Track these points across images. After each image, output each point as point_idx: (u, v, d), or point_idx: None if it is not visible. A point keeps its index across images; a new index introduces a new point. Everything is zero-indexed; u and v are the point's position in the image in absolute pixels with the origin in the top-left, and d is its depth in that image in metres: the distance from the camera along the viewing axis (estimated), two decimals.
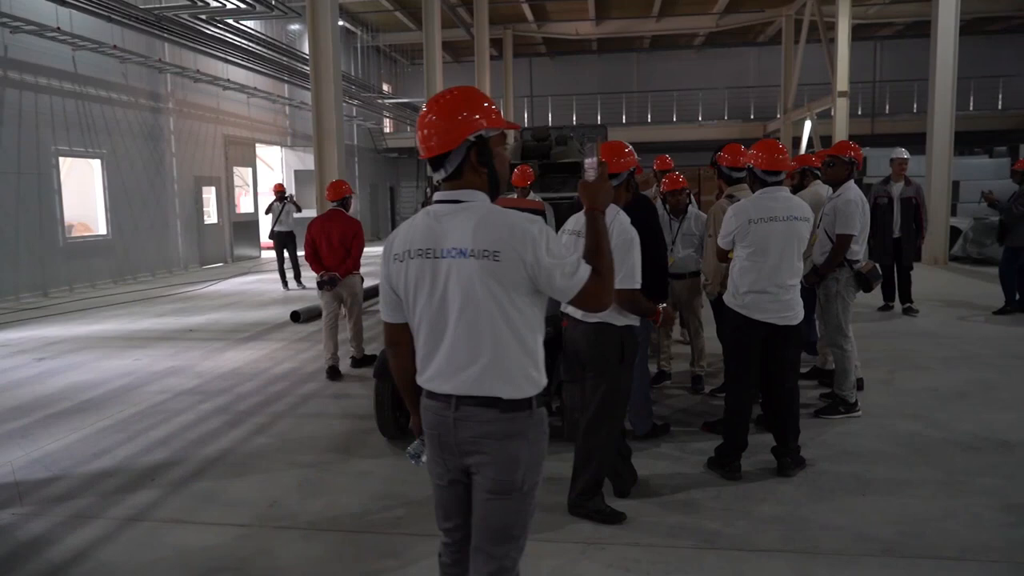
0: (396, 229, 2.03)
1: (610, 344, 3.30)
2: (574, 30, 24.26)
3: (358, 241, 6.38)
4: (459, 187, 1.94)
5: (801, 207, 3.77)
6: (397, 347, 2.10)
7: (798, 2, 21.71)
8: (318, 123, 9.28)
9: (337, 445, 4.62)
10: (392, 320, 2.06)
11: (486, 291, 1.87)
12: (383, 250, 2.03)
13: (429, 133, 1.91)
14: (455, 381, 1.92)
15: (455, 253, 1.88)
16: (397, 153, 27.36)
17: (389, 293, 2.02)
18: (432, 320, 1.93)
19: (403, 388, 2.16)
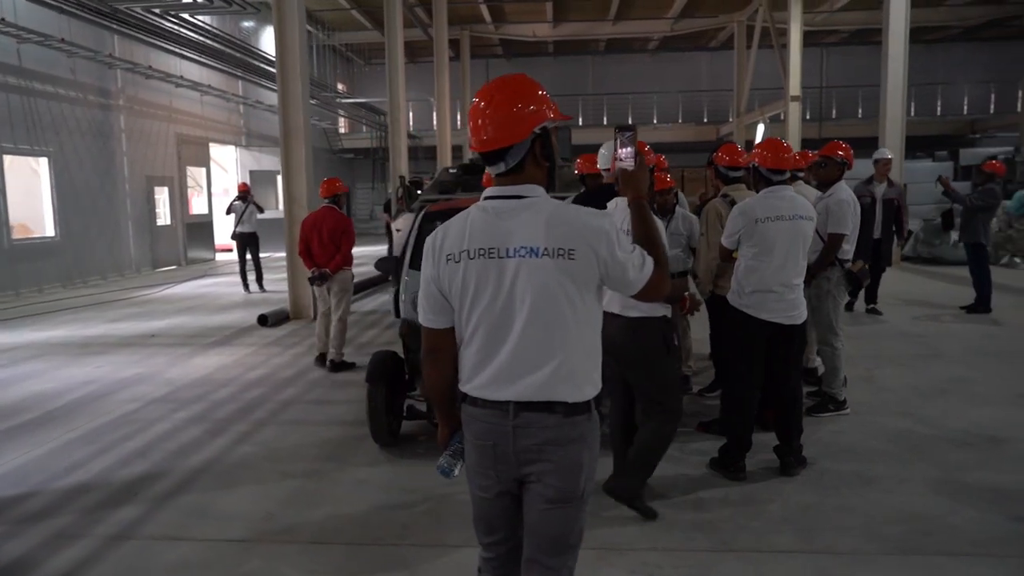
0: (441, 227, 1.92)
1: (654, 337, 3.31)
2: (531, 32, 24.31)
3: (347, 237, 6.42)
4: (518, 182, 1.85)
5: (806, 206, 3.80)
6: (438, 354, 1.97)
7: (750, 8, 22.19)
8: (285, 121, 8.99)
9: (328, 453, 4.45)
10: (436, 325, 1.94)
11: (560, 291, 1.81)
12: (428, 250, 1.91)
13: (488, 125, 1.82)
14: (517, 387, 1.83)
15: (525, 252, 1.80)
16: (353, 154, 26.94)
17: (436, 296, 1.91)
18: (494, 324, 1.84)
19: (438, 397, 2.03)
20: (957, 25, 24.04)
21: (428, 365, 2.00)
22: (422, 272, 1.94)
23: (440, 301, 1.91)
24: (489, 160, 1.85)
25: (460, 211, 5.77)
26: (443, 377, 1.99)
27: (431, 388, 2.03)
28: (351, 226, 6.52)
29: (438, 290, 1.90)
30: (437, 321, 1.94)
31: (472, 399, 1.91)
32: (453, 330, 1.93)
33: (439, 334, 1.95)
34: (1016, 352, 6.63)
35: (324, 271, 6.35)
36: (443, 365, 1.97)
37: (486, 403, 1.88)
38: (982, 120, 25.59)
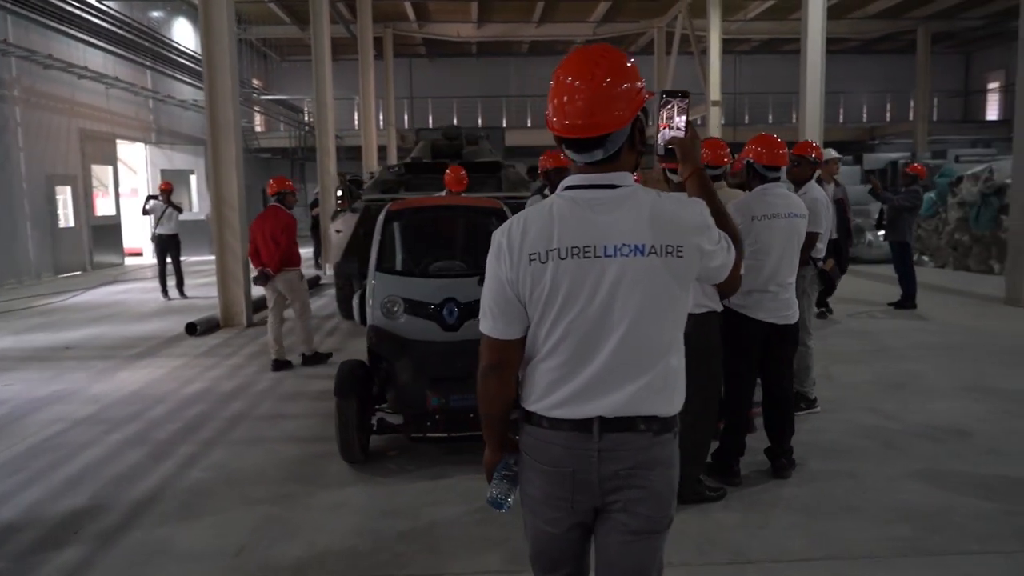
0: (516, 222, 1.66)
1: (712, 331, 3.32)
2: (455, 32, 24.00)
3: (286, 236, 6.29)
4: (611, 169, 1.63)
5: (800, 204, 3.77)
6: (505, 369, 1.71)
7: (669, 15, 22.72)
8: (213, 117, 8.37)
9: (293, 474, 4.08)
10: (506, 336, 1.68)
11: (665, 293, 1.62)
12: (500, 248, 1.64)
13: (589, 106, 1.56)
14: (604, 401, 1.62)
15: (628, 251, 1.59)
16: (270, 153, 25.82)
17: (512, 303, 1.65)
18: (586, 333, 1.61)
19: (498, 419, 1.78)
20: (857, 38, 25.44)
21: (492, 383, 1.73)
22: (491, 275, 1.67)
23: (516, 308, 1.66)
24: (577, 146, 1.61)
25: (428, 210, 5.37)
26: (507, 396, 1.74)
27: (491, 409, 1.77)
28: (292, 225, 6.37)
29: (515, 295, 1.65)
30: (508, 331, 1.68)
31: (544, 420, 1.67)
32: (523, 340, 1.69)
33: (509, 346, 1.69)
34: (952, 346, 6.93)
35: (265, 271, 6.27)
36: (509, 382, 1.73)
37: (563, 424, 1.65)
38: (880, 127, 27.20)
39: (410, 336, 4.16)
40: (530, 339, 1.68)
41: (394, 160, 22.48)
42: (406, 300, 4.21)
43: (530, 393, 1.70)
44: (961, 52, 28.08)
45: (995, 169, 12.25)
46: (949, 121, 27.57)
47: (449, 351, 4.12)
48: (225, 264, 8.63)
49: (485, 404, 1.77)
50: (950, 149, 21.47)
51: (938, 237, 13.35)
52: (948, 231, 13.24)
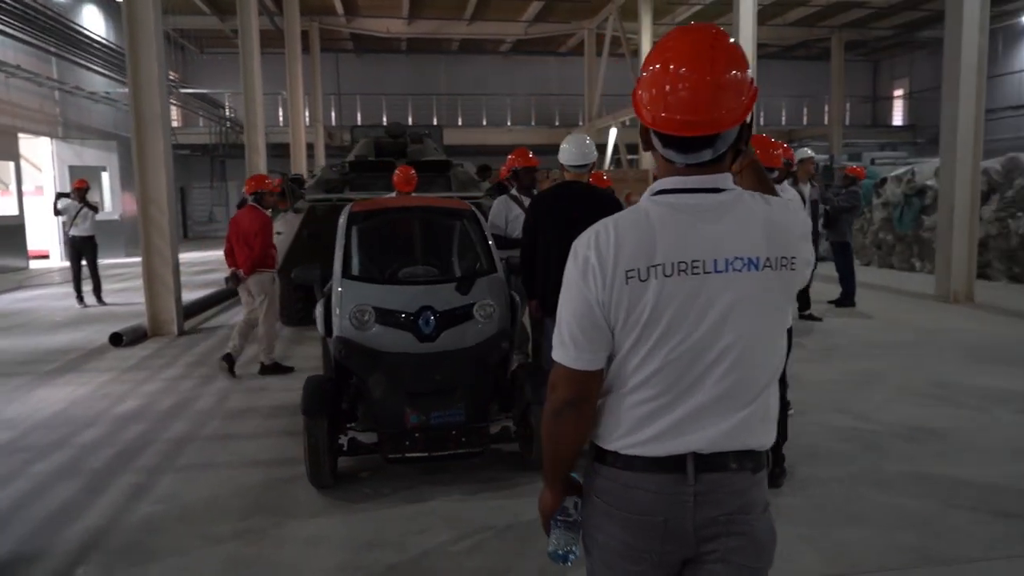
0: (604, 232, 1.41)
1: None
2: (385, 27, 23.45)
3: (260, 237, 6.01)
4: (715, 171, 1.42)
5: (797, 204, 3.68)
6: (585, 405, 1.46)
7: (599, 17, 22.91)
8: (137, 109, 7.69)
9: (257, 504, 3.70)
10: (591, 366, 1.43)
11: (778, 311, 1.43)
12: (588, 264, 1.39)
13: (706, 101, 1.34)
14: (702, 435, 1.41)
15: (741, 265, 1.38)
16: (189, 150, 24.52)
17: (601, 328, 1.41)
18: (688, 361, 1.39)
19: (566, 462, 1.54)
20: (776, 44, 26.36)
21: (570, 421, 1.48)
22: (575, 296, 1.42)
23: (605, 335, 1.42)
24: (682, 146, 1.39)
25: (395, 211, 4.98)
26: (585, 436, 1.50)
27: (563, 451, 1.52)
28: (267, 225, 6.06)
29: (604, 320, 1.41)
30: (594, 361, 1.43)
31: (627, 460, 1.45)
32: (604, 370, 1.46)
33: (592, 378, 1.44)
34: (902, 343, 7.11)
35: (235, 271, 6.07)
36: (589, 419, 1.48)
37: (652, 464, 1.43)
38: (797, 130, 28.30)
39: (383, 348, 3.85)
40: (614, 368, 1.45)
41: (322, 159, 21.76)
42: (377, 309, 3.90)
43: (611, 430, 1.47)
44: (870, 60, 29.58)
45: (916, 171, 12.85)
46: (860, 125, 29.01)
47: (426, 363, 3.83)
48: (153, 268, 7.99)
49: (556, 445, 1.52)
50: (864, 152, 22.54)
51: (863, 236, 13.90)
52: (873, 231, 13.82)
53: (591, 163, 4.15)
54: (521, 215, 5.32)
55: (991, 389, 5.44)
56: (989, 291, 9.87)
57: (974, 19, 8.95)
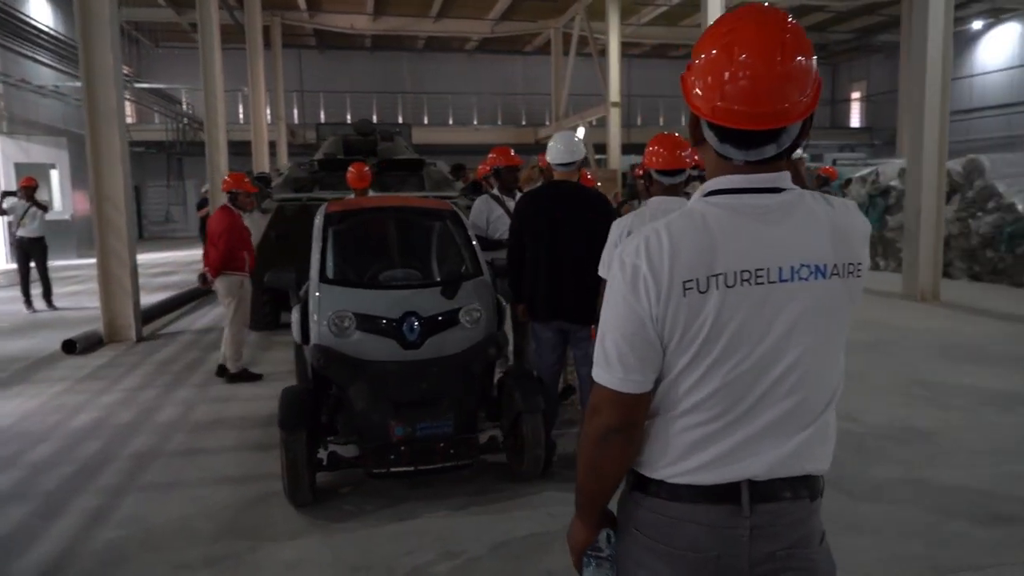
0: (655, 238, 1.24)
1: None
2: (349, 23, 22.97)
3: (224, 238, 5.75)
4: (773, 169, 1.27)
5: None
6: (633, 431, 1.31)
7: (566, 16, 22.84)
8: (91, 103, 7.26)
9: (230, 526, 3.44)
10: (639, 389, 1.27)
11: (843, 323, 1.31)
12: (639, 274, 1.23)
13: (775, 91, 1.19)
14: (759, 460, 1.27)
15: (808, 273, 1.24)
16: (144, 147, 23.69)
17: (653, 345, 1.25)
18: (752, 379, 1.25)
19: (606, 493, 1.39)
20: None
21: (616, 449, 1.31)
22: (624, 312, 1.25)
23: (657, 353, 1.26)
24: (743, 140, 1.23)
25: (373, 211, 4.73)
26: (628, 463, 1.35)
27: (604, 481, 1.36)
28: (233, 226, 5.80)
29: (657, 336, 1.25)
30: (644, 383, 1.27)
31: (674, 489, 1.30)
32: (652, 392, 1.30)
33: (640, 402, 1.29)
34: (877, 342, 7.11)
35: (203, 273, 5.93)
36: (636, 446, 1.33)
37: (702, 493, 1.28)
38: None
39: (365, 356, 3.64)
40: (663, 389, 1.30)
41: (285, 157, 21.24)
42: (358, 315, 3.68)
43: (657, 457, 1.31)
44: (829, 64, 30.09)
45: (880, 172, 13.04)
46: (820, 127, 29.48)
47: (411, 372, 3.63)
48: (109, 270, 7.59)
49: (599, 475, 1.36)
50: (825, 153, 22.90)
51: None
52: None
53: (578, 161, 3.98)
54: (503, 215, 5.14)
55: (973, 388, 5.44)
56: (953, 290, 10.03)
57: (939, 23, 9.06)
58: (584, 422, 1.36)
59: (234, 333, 5.93)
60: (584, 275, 3.83)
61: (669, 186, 3.17)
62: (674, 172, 3.17)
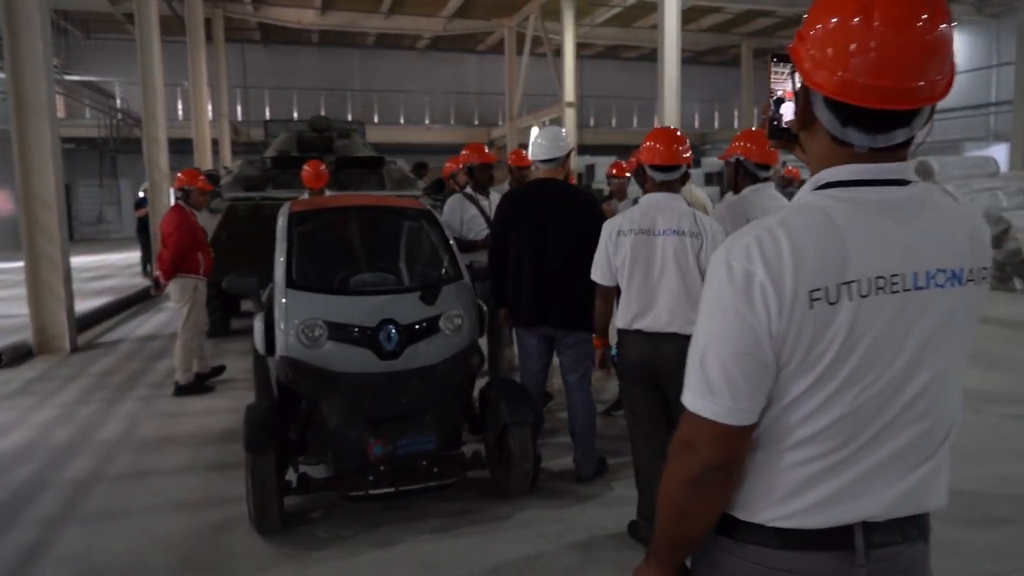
0: (768, 237, 1.04)
1: None
2: (296, 18, 22.28)
3: (174, 238, 5.39)
4: (896, 159, 1.08)
5: None
6: (734, 471, 1.10)
7: (521, 15, 22.69)
8: (17, 94, 6.64)
9: (190, 561, 3.08)
10: (745, 419, 1.06)
11: (971, 336, 1.13)
12: (752, 281, 1.02)
13: (920, 64, 1.00)
14: (876, 499, 1.08)
15: (944, 279, 1.06)
16: (74, 144, 22.49)
17: (768, 367, 1.05)
18: (876, 404, 1.05)
19: (694, 542, 1.17)
20: (689, 49, 26.96)
21: (713, 491, 1.10)
22: (731, 326, 1.04)
23: (771, 377, 1.05)
24: (872, 123, 1.03)
25: (341, 211, 4.34)
26: (724, 507, 1.13)
27: (693, 528, 1.14)
28: (183, 225, 5.43)
29: (773, 356, 1.03)
30: (753, 411, 1.06)
31: (775, 534, 1.09)
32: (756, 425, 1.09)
33: (746, 434, 1.08)
34: None
35: (155, 276, 5.64)
36: (734, 486, 1.12)
37: (810, 538, 1.08)
38: (710, 133, 29.14)
39: (338, 368, 3.33)
40: (771, 418, 1.09)
41: (228, 155, 20.45)
42: (330, 323, 3.37)
43: (758, 497, 1.11)
44: None
45: None
46: None
47: (390, 384, 3.34)
48: (39, 275, 7.01)
49: (688, 522, 1.14)
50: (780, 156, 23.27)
51: None
52: None
53: (562, 156, 3.75)
54: (477, 215, 4.89)
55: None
56: None
57: None
58: (671, 459, 1.13)
59: (186, 340, 5.53)
60: (571, 278, 3.61)
61: (662, 183, 2.97)
62: (671, 168, 2.98)
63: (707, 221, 2.88)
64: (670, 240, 2.84)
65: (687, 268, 2.82)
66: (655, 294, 2.86)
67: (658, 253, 2.86)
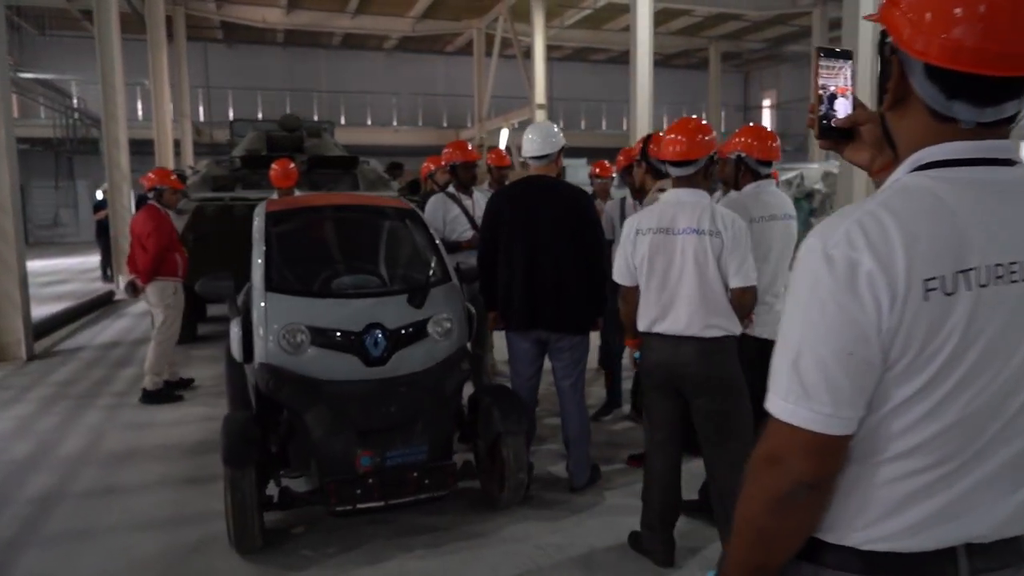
0: (873, 221, 0.92)
1: (735, 358, 2.76)
2: (261, 17, 21.82)
3: (154, 238, 5.18)
4: (1000, 136, 0.97)
5: (791, 205, 3.37)
6: (827, 489, 0.98)
7: (490, 16, 22.58)
8: None
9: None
10: (845, 428, 0.94)
11: None
12: (856, 270, 0.90)
13: None
14: (981, 518, 0.97)
15: None
16: (29, 144, 21.72)
17: (873, 367, 0.93)
18: (988, 410, 0.94)
19: (779, 565, 1.04)
20: (659, 52, 27.08)
21: (804, 510, 0.98)
22: (829, 320, 0.92)
23: (875, 378, 0.93)
24: (987, 94, 0.92)
25: (321, 210, 4.12)
26: (813, 530, 1.01)
27: (779, 552, 1.01)
28: (161, 225, 5.24)
29: (881, 355, 0.92)
30: (854, 419, 0.94)
31: (867, 558, 0.98)
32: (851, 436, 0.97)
33: (844, 445, 0.96)
34: None
35: (131, 280, 5.37)
36: (825, 507, 0.99)
37: (907, 563, 0.97)
38: None
39: (322, 376, 3.16)
40: (870, 428, 0.97)
41: (190, 156, 19.94)
42: (313, 328, 3.19)
43: (851, 516, 0.99)
44: (741, 71, 31.22)
45: (804, 175, 13.38)
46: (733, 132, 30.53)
47: (378, 392, 3.17)
48: None
49: (771, 546, 1.01)
50: None
51: None
52: None
53: (555, 153, 3.62)
54: (460, 215, 4.75)
55: None
56: None
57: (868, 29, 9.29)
58: (753, 477, 1.00)
59: (160, 342, 5.34)
60: (566, 279, 3.49)
61: (680, 179, 2.80)
62: (686, 163, 2.79)
63: (728, 218, 2.71)
64: (690, 240, 2.69)
65: (706, 269, 2.67)
66: (674, 296, 2.72)
67: (677, 253, 2.71)
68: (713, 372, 2.71)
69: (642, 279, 2.82)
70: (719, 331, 2.70)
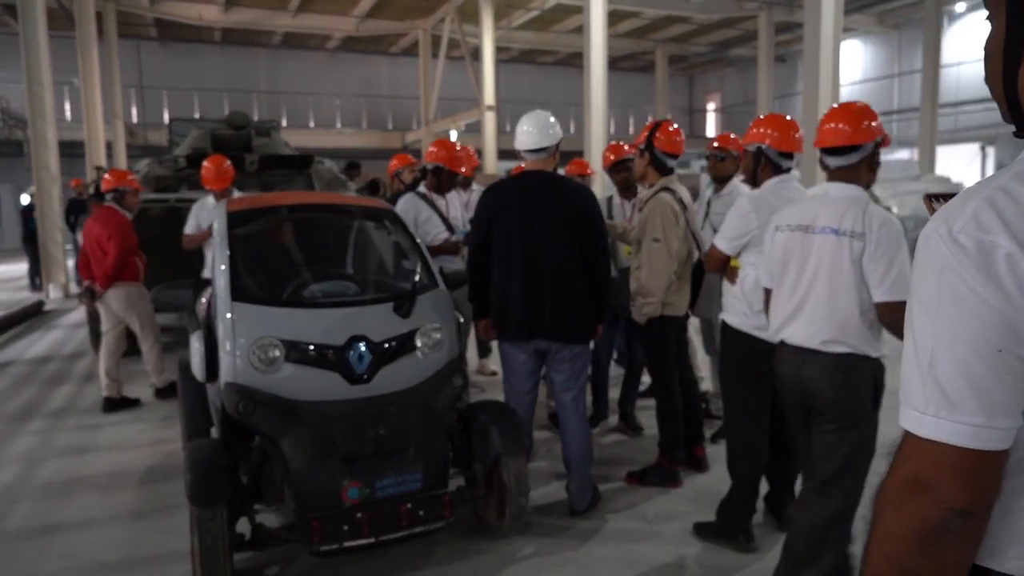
0: (1004, 199, 0.80)
1: (867, 383, 2.42)
2: (197, 14, 20.93)
3: (115, 240, 4.95)
4: None
5: None
6: (982, 517, 0.82)
7: (436, 16, 22.23)
8: None
9: None
10: (1001, 442, 0.80)
11: None
12: (991, 255, 0.78)
13: None
14: None
15: None
16: None
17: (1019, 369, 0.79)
18: None
19: None
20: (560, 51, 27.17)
21: (957, 543, 0.81)
22: (965, 315, 0.80)
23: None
24: None
25: (285, 211, 3.68)
26: (968, 565, 0.84)
27: None
28: (124, 227, 5.00)
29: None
30: (1008, 431, 0.80)
31: None
32: None
33: (1001, 462, 0.81)
34: None
35: (89, 285, 5.10)
36: (981, 538, 0.83)
37: None
38: (625, 139, 29.48)
39: (300, 396, 2.80)
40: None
41: (123, 158, 18.92)
42: (287, 342, 2.83)
43: (1008, 540, 0.84)
44: (686, 75, 31.67)
45: None
46: None
47: (363, 414, 2.83)
48: None
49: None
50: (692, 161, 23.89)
51: None
52: None
53: (553, 146, 3.35)
54: (433, 216, 4.44)
55: None
56: None
57: (829, 30, 9.37)
58: (891, 508, 0.84)
59: (151, 344, 5.30)
60: (568, 284, 3.21)
61: (837, 169, 2.45)
62: (851, 150, 2.44)
63: (878, 219, 2.31)
64: (827, 240, 2.37)
65: (839, 275, 2.34)
66: (802, 304, 2.44)
67: (812, 255, 2.41)
68: (834, 395, 2.40)
69: (775, 281, 2.56)
70: (845, 347, 2.37)
